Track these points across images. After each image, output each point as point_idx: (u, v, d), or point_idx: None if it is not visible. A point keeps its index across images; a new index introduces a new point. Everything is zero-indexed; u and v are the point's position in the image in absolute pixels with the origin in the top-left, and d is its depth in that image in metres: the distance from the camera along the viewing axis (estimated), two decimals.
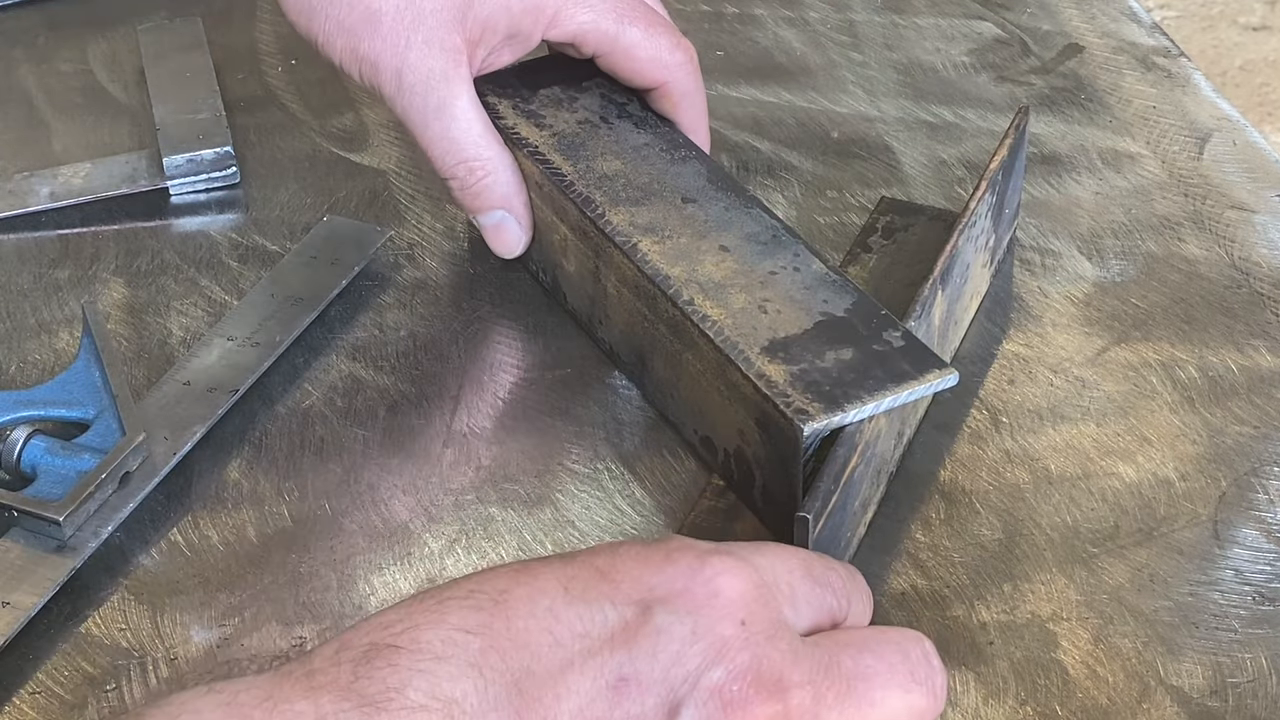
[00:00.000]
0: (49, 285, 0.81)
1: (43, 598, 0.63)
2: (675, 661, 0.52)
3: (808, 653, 0.53)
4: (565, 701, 0.51)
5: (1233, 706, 0.61)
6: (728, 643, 0.52)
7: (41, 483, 0.67)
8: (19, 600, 0.63)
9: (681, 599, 0.53)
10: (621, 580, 0.53)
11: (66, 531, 0.65)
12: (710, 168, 0.75)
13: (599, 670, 0.51)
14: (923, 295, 0.69)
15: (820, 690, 0.53)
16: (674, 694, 0.51)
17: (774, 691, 0.52)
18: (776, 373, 0.64)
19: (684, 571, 0.54)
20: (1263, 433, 0.72)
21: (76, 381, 0.71)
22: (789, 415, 0.62)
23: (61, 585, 0.64)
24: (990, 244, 0.78)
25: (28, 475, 0.68)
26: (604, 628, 0.52)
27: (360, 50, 0.75)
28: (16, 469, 0.69)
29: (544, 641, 0.51)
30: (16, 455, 0.68)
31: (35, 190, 0.86)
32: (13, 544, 0.65)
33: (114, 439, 0.68)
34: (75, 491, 0.66)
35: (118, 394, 0.70)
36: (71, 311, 0.79)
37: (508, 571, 0.54)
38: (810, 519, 0.60)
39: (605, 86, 0.79)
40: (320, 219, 0.83)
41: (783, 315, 0.67)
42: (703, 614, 0.52)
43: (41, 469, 0.68)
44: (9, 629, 0.62)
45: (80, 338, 0.73)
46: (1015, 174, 0.79)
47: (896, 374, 0.64)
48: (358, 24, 0.74)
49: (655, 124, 0.78)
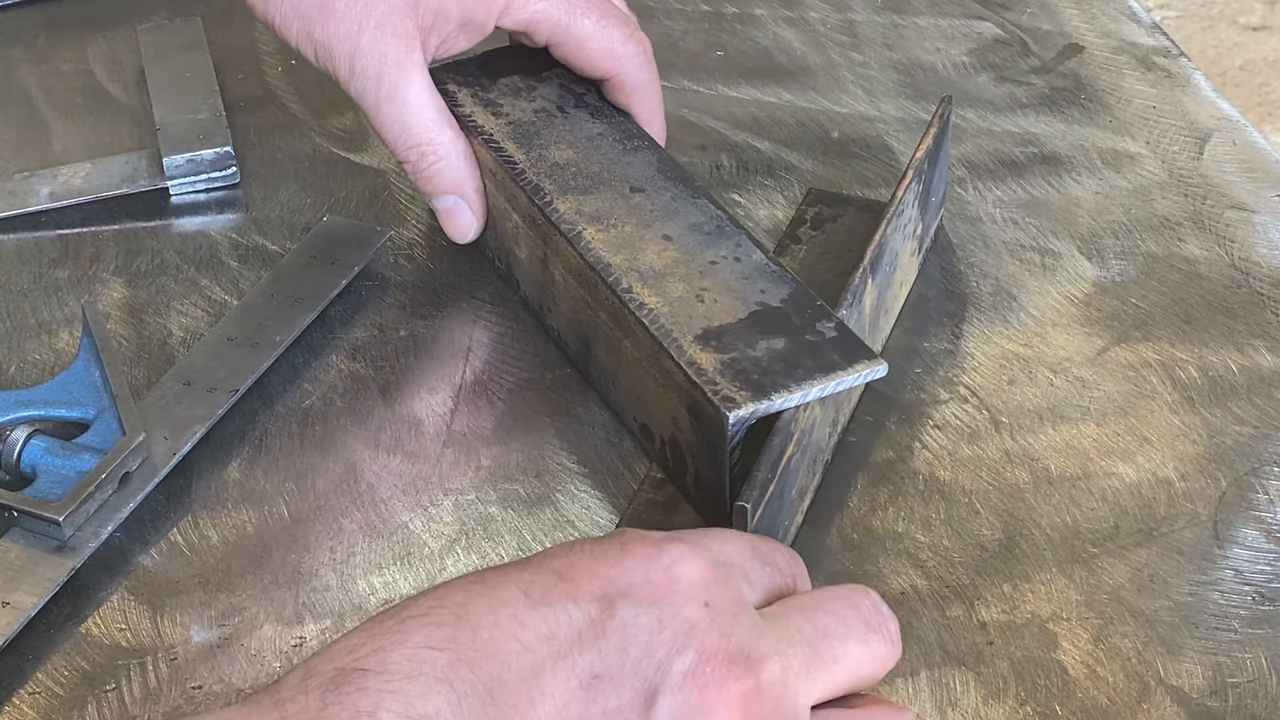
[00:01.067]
0: (49, 285, 0.81)
1: (43, 598, 0.63)
2: (645, 652, 0.52)
3: (769, 625, 0.54)
4: (541, 705, 0.51)
5: (1233, 706, 0.61)
6: (694, 625, 0.52)
7: (41, 483, 0.67)
8: (19, 600, 0.63)
9: (643, 590, 0.53)
10: (580, 579, 0.53)
11: (66, 531, 0.65)
12: (661, 158, 0.76)
13: (570, 671, 0.51)
14: (853, 284, 0.70)
15: (787, 659, 0.53)
16: (648, 684, 0.51)
17: (746, 667, 0.52)
18: (708, 361, 0.65)
19: (641, 562, 0.54)
20: (1263, 433, 0.72)
21: (76, 381, 0.71)
22: (716, 403, 0.63)
23: (61, 585, 0.64)
24: (918, 232, 0.79)
25: (27, 475, 0.68)
26: (570, 628, 0.52)
27: (314, 34, 0.76)
28: (16, 469, 0.69)
29: (512, 649, 0.51)
30: (16, 455, 0.68)
31: (35, 190, 0.86)
32: (12, 544, 0.65)
33: (114, 439, 0.68)
34: (75, 491, 0.66)
35: (118, 394, 0.70)
36: (71, 311, 0.79)
37: (463, 584, 0.54)
38: (749, 508, 0.60)
39: (564, 77, 0.80)
40: (320, 219, 0.83)
41: (719, 304, 0.68)
42: (666, 602, 0.53)
43: (41, 469, 0.68)
44: (9, 629, 0.62)
45: (80, 337, 0.73)
46: (941, 162, 0.80)
47: (826, 364, 0.64)
48: (312, 8, 0.76)
49: (610, 114, 0.78)
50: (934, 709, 0.62)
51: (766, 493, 0.62)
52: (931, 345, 0.77)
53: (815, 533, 0.68)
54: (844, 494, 0.70)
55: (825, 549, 0.68)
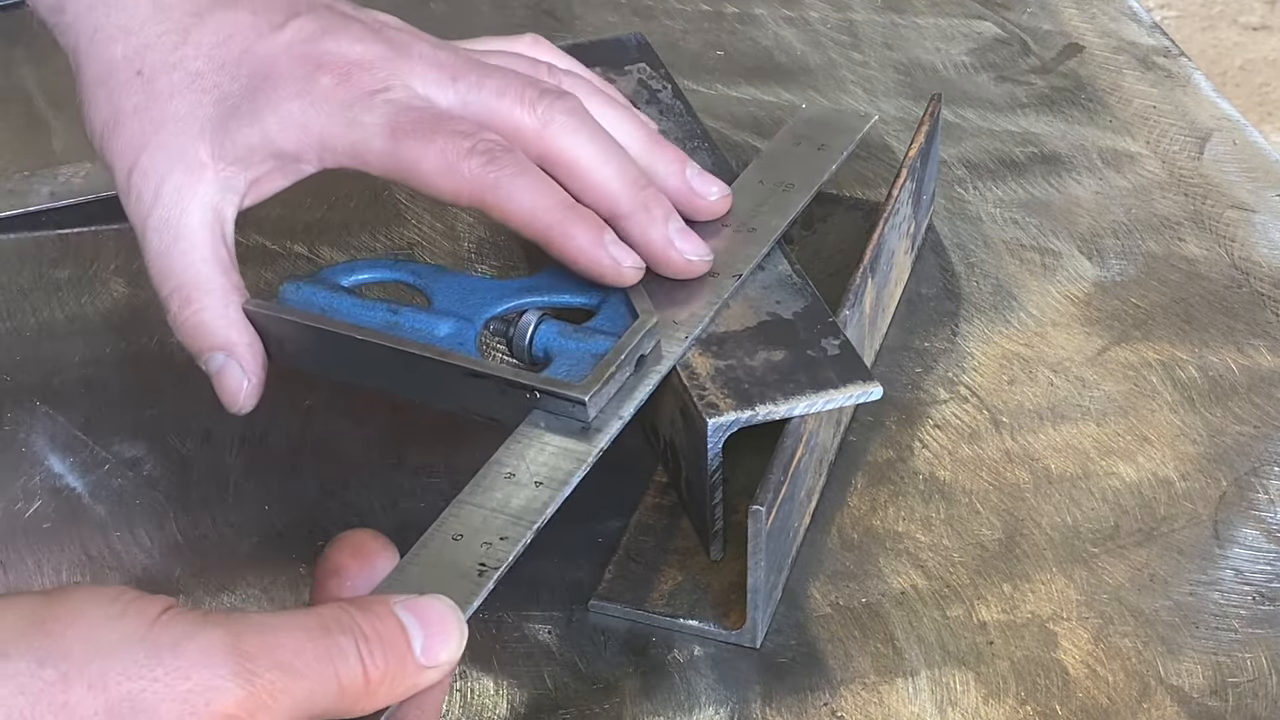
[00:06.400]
0: (49, 285, 0.81)
1: (574, 477, 0.61)
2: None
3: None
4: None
5: (1233, 706, 0.61)
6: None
7: (557, 365, 0.65)
8: (550, 478, 0.61)
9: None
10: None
11: (590, 412, 0.62)
12: (716, 160, 0.76)
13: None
14: (854, 284, 0.70)
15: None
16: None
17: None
18: (703, 366, 0.65)
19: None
20: (1263, 433, 0.72)
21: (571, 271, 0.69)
22: (700, 408, 0.63)
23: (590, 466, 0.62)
24: (911, 230, 0.79)
25: (539, 359, 0.67)
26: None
27: (104, 148, 0.69)
28: (528, 352, 0.67)
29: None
30: (529, 338, 0.66)
31: (35, 190, 0.86)
32: (534, 426, 0.63)
33: (623, 323, 0.66)
34: (598, 372, 0.63)
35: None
36: (72, 311, 0.79)
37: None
38: (763, 510, 0.60)
39: (644, 73, 0.81)
40: (800, 106, 0.81)
41: (731, 311, 0.68)
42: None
43: (556, 352, 0.66)
44: (545, 507, 0.60)
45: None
46: (931, 160, 0.81)
47: (819, 381, 0.64)
48: (105, 109, 0.68)
49: (679, 113, 0.79)
50: (934, 709, 0.62)
51: (779, 495, 0.62)
52: (931, 345, 0.77)
53: (815, 533, 0.68)
54: (844, 494, 0.70)
55: (825, 549, 0.68)
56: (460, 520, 0.58)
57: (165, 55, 0.68)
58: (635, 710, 0.62)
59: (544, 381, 0.63)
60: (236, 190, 0.68)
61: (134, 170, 0.67)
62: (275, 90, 0.67)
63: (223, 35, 0.68)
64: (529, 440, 0.62)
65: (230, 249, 0.68)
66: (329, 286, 0.69)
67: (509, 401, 0.64)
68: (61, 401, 0.75)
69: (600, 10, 1.02)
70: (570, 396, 0.62)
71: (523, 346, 0.67)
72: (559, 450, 0.62)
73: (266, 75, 0.67)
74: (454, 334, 0.66)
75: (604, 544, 0.67)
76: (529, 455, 0.61)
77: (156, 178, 0.67)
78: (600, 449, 0.62)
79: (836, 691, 0.62)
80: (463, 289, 0.69)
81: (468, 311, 0.68)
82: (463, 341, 0.66)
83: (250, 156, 0.67)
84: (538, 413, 0.63)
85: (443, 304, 0.68)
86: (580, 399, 0.62)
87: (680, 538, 0.67)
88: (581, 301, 0.69)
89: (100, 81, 0.69)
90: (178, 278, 0.67)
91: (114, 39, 0.69)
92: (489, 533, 0.58)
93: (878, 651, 0.64)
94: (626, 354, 0.64)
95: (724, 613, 0.64)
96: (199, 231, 0.67)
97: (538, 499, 0.59)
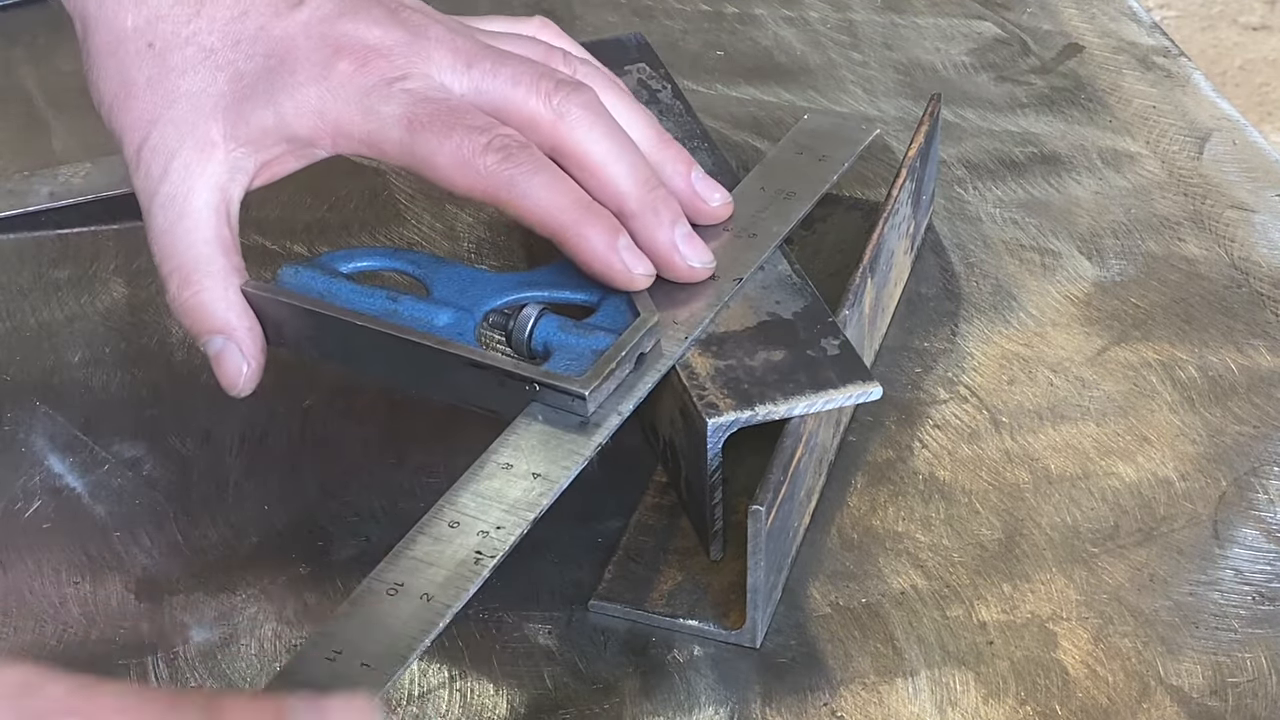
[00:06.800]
0: (49, 285, 0.81)
1: (571, 471, 0.61)
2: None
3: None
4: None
5: (1233, 706, 0.61)
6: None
7: (557, 359, 0.65)
8: (549, 471, 0.61)
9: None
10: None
11: (590, 406, 0.62)
12: (716, 160, 0.76)
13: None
14: (854, 284, 0.70)
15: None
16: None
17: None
18: (703, 366, 0.65)
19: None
20: (1263, 433, 0.72)
21: (574, 267, 0.69)
22: (699, 408, 0.63)
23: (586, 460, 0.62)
24: (910, 230, 0.79)
25: (538, 353, 0.66)
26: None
27: (113, 120, 0.68)
28: (528, 346, 0.66)
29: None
30: (529, 331, 0.66)
31: (35, 190, 0.86)
32: (532, 420, 0.63)
33: (624, 320, 0.66)
34: (598, 367, 0.63)
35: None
36: (72, 311, 0.79)
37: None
38: (763, 510, 0.60)
39: (644, 73, 0.81)
40: (802, 116, 0.81)
41: (731, 312, 0.68)
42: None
43: (555, 346, 0.66)
44: (542, 500, 0.60)
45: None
46: (931, 160, 0.81)
47: (819, 381, 0.64)
48: (115, 83, 0.68)
49: (680, 112, 0.79)
50: (934, 709, 0.62)
51: (779, 495, 0.62)
52: (931, 345, 0.77)
53: (815, 533, 0.68)
54: (844, 494, 0.70)
55: (825, 549, 0.68)
56: (457, 508, 0.58)
57: (178, 28, 0.67)
58: (635, 710, 0.62)
59: (544, 375, 0.63)
60: (246, 171, 0.67)
61: (144, 145, 0.67)
62: (292, 74, 0.66)
63: (238, 10, 0.67)
64: (527, 433, 0.62)
65: (234, 230, 0.67)
66: (328, 272, 0.69)
67: (508, 393, 0.64)
68: (61, 401, 0.75)
69: (600, 10, 1.02)
70: (571, 390, 0.62)
71: (522, 340, 0.67)
72: (557, 444, 0.62)
73: (283, 57, 0.67)
74: (453, 324, 0.66)
75: (604, 544, 0.67)
76: (526, 447, 0.61)
77: (166, 154, 0.66)
78: (598, 444, 0.62)
79: (836, 691, 0.62)
80: (462, 280, 0.69)
81: (467, 303, 0.68)
82: (461, 332, 0.66)
83: (263, 139, 0.67)
84: (536, 405, 0.63)
85: (442, 294, 0.68)
86: (580, 393, 0.62)
87: (680, 538, 0.67)
88: (582, 298, 0.69)
89: (110, 51, 0.68)
90: (179, 257, 0.67)
91: (124, 7, 0.68)
92: (485, 522, 0.58)
93: (878, 651, 0.64)
94: (627, 351, 0.64)
95: (724, 613, 0.64)
96: (203, 211, 0.66)
97: (534, 490, 0.60)
